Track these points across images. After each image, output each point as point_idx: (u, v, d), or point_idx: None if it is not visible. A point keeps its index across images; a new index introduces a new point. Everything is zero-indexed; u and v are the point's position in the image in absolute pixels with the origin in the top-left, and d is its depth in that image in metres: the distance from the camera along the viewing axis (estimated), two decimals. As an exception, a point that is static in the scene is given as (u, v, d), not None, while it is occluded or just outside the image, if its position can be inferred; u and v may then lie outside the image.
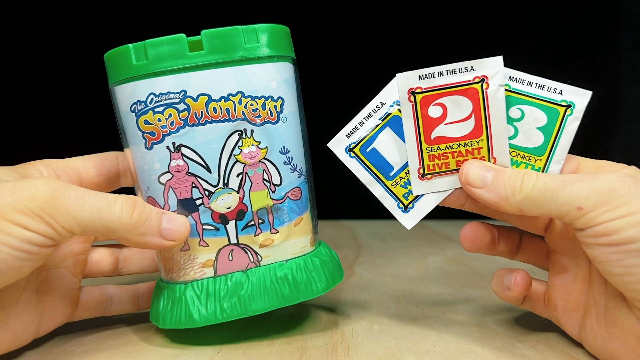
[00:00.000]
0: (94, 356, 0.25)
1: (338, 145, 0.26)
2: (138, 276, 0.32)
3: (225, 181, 0.25)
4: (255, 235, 0.26)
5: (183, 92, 0.24)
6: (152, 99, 0.24)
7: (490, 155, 0.25)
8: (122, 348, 0.26)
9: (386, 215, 0.27)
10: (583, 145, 0.28)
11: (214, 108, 0.25)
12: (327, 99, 0.58)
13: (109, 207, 0.22)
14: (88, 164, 0.27)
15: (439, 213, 0.28)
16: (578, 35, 0.68)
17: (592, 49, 0.67)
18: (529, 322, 0.29)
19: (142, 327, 0.29)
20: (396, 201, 0.27)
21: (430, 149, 0.26)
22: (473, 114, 0.25)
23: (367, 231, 0.61)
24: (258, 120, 0.25)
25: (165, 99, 0.24)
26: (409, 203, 0.27)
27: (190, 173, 0.25)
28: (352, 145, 0.26)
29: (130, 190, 0.29)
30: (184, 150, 0.25)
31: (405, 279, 0.39)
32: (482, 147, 0.25)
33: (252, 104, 0.25)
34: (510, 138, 0.25)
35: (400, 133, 0.26)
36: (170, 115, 0.24)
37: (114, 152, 0.29)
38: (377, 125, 0.26)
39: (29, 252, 0.21)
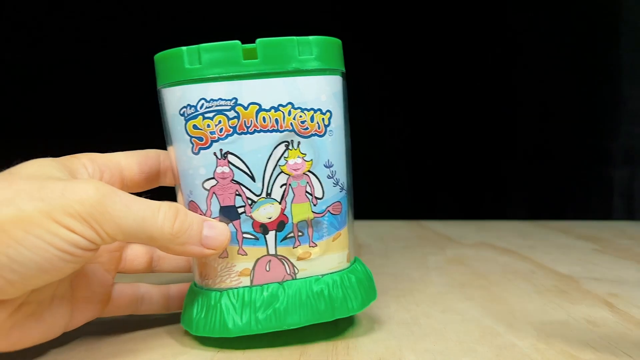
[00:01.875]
0: (93, 355, 0.25)
1: None
2: (168, 274, 0.32)
3: (269, 191, 0.25)
4: (293, 248, 0.26)
5: (234, 100, 0.24)
6: (202, 104, 0.24)
7: None
8: (122, 347, 0.26)
9: (386, 215, 0.27)
10: (583, 146, 0.28)
11: (264, 117, 0.25)
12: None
13: (152, 216, 0.22)
14: (130, 161, 0.27)
15: (439, 213, 0.27)
16: (578, 35, 0.68)
17: (592, 49, 0.67)
18: (529, 322, 0.29)
19: (142, 326, 0.29)
20: None
21: None
22: None
23: (367, 231, 0.61)
24: (305, 133, 0.25)
25: (216, 106, 0.24)
26: None
27: (234, 181, 0.25)
28: None
29: (166, 190, 0.29)
30: (230, 157, 0.25)
31: (405, 279, 0.39)
32: None
33: (301, 116, 0.25)
34: None
35: None
36: (220, 121, 0.24)
37: (155, 150, 0.29)
38: None
39: (72, 254, 0.21)
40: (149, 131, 0.31)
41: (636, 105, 0.66)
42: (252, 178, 0.25)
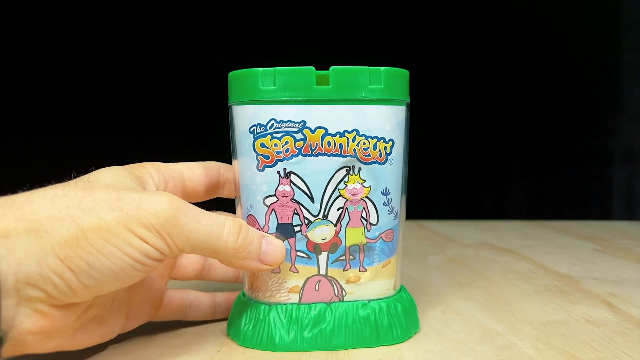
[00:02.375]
0: (94, 355, 0.25)
1: None
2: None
3: (326, 213, 0.26)
4: (344, 270, 0.26)
5: (303, 123, 0.25)
6: (272, 124, 0.25)
7: None
8: (123, 346, 0.26)
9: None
10: (583, 146, 0.28)
11: (329, 142, 0.25)
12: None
13: (218, 230, 0.23)
14: (193, 172, 0.29)
15: (439, 213, 0.28)
16: (578, 35, 0.67)
17: (592, 49, 0.67)
18: (529, 322, 0.29)
19: (144, 326, 0.29)
20: None
21: None
22: None
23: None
24: (367, 160, 0.26)
25: (285, 127, 0.25)
26: None
27: (294, 200, 0.26)
28: None
29: (223, 201, 0.30)
30: (293, 177, 0.26)
31: (405, 279, 0.39)
32: None
33: (364, 143, 0.26)
34: None
35: None
36: (287, 142, 0.25)
37: (217, 162, 0.30)
38: None
39: (143, 263, 0.22)
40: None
41: (636, 105, 0.66)
42: (311, 199, 0.26)
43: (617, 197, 0.69)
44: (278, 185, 0.26)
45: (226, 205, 0.30)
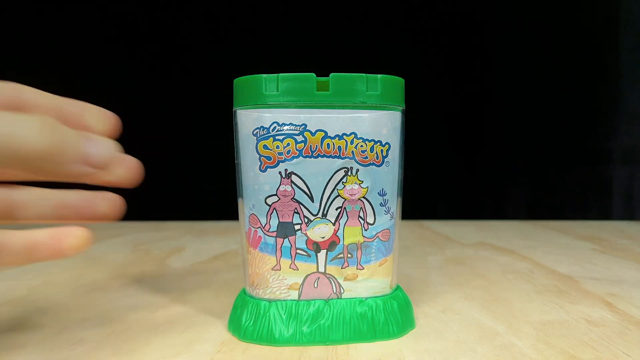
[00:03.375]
0: (94, 355, 0.25)
1: None
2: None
3: (325, 212, 0.27)
4: (342, 268, 0.27)
5: (304, 126, 0.26)
6: (274, 127, 0.27)
7: None
8: (123, 346, 0.26)
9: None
10: (583, 146, 0.29)
11: (328, 144, 0.27)
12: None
13: (18, 129, 0.17)
14: None
15: (439, 213, 0.28)
16: (578, 36, 0.69)
17: (592, 49, 0.68)
18: (529, 322, 0.29)
19: (144, 327, 0.29)
20: None
21: None
22: None
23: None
24: (364, 161, 0.27)
25: (287, 130, 0.26)
26: None
27: (295, 199, 0.27)
28: None
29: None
30: (293, 177, 0.27)
31: (405, 278, 0.40)
32: None
33: (362, 146, 0.27)
34: None
35: None
36: (288, 144, 0.27)
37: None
38: None
39: None
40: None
41: (636, 105, 0.68)
42: (311, 198, 0.27)
43: (616, 197, 0.70)
44: (279, 185, 0.27)
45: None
